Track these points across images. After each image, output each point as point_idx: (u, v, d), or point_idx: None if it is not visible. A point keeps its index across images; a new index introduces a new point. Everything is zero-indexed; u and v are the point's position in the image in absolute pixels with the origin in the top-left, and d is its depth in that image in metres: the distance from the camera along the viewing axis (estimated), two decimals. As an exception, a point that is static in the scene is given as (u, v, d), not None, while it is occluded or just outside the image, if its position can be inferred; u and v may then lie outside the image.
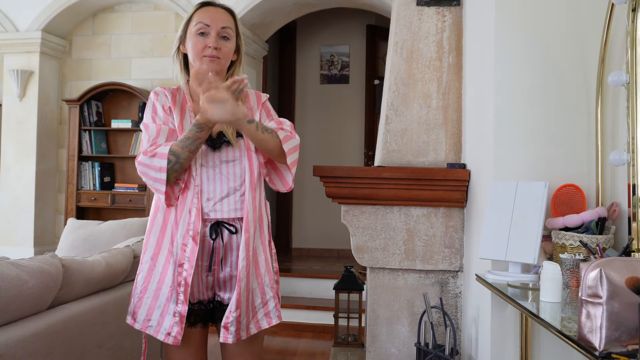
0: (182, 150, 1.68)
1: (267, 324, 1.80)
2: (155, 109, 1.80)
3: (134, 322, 1.77)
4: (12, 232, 5.50)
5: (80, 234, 3.21)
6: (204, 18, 1.78)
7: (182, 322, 1.70)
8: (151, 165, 1.68)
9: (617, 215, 1.78)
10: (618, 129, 1.84)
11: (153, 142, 1.73)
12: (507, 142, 2.01)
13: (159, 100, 1.80)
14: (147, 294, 1.75)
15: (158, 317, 1.73)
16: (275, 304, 1.82)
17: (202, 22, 1.78)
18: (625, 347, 1.06)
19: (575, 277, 1.61)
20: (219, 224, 1.75)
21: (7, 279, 1.63)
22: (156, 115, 1.79)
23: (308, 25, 6.91)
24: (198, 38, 1.77)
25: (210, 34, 1.77)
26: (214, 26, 1.78)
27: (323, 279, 5.06)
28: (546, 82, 1.99)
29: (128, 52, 5.61)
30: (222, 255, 1.76)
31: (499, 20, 2.03)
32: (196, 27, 1.78)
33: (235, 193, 1.76)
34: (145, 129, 1.77)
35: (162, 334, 1.72)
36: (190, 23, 1.80)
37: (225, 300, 1.80)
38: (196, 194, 1.73)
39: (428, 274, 2.56)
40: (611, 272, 1.08)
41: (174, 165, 1.68)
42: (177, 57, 1.85)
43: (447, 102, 2.65)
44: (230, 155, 1.78)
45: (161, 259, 1.75)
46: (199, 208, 1.72)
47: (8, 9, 5.55)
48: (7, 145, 5.56)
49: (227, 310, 1.72)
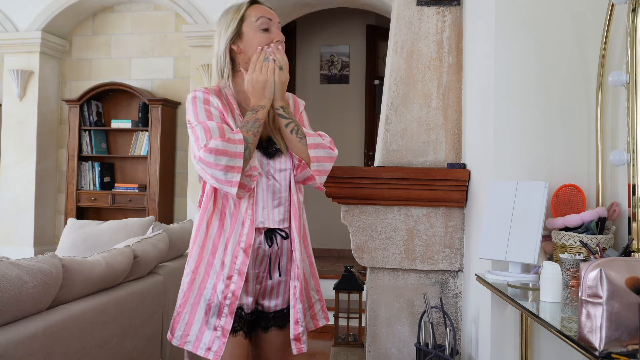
0: (249, 134, 1.60)
1: (314, 325, 1.83)
2: (208, 109, 1.66)
3: (172, 338, 1.69)
4: (12, 232, 5.50)
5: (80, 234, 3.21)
6: (264, 13, 1.74)
7: (224, 336, 1.63)
8: (228, 152, 1.55)
9: (617, 215, 1.78)
10: (618, 129, 1.84)
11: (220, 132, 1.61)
12: (507, 142, 2.01)
13: (211, 103, 1.68)
14: (186, 308, 1.68)
15: (197, 332, 1.66)
16: (322, 306, 1.86)
17: (265, 16, 1.73)
18: (625, 347, 1.06)
19: (575, 277, 1.61)
20: (272, 231, 1.72)
21: (7, 279, 1.63)
22: (212, 115, 1.65)
23: (308, 25, 6.91)
24: (263, 34, 1.72)
25: (271, 28, 1.73)
26: (275, 20, 1.75)
27: (323, 279, 5.04)
28: (546, 82, 1.99)
29: (128, 52, 5.61)
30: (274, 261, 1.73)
31: (499, 20, 2.03)
32: (259, 23, 1.72)
33: (286, 202, 1.74)
34: (201, 128, 1.60)
35: (202, 349, 1.64)
36: (245, 21, 1.73)
37: (270, 308, 1.77)
38: (251, 204, 1.67)
39: (428, 274, 2.56)
40: (611, 272, 1.08)
41: (245, 151, 1.58)
42: (227, 57, 1.74)
43: (447, 102, 2.65)
44: (282, 164, 1.74)
45: (201, 272, 1.68)
46: (252, 220, 1.66)
47: (8, 9, 5.55)
48: (7, 145, 5.56)
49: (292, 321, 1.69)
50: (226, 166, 1.55)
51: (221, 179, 1.56)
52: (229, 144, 1.56)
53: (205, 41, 5.03)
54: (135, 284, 2.42)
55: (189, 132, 1.66)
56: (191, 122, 1.65)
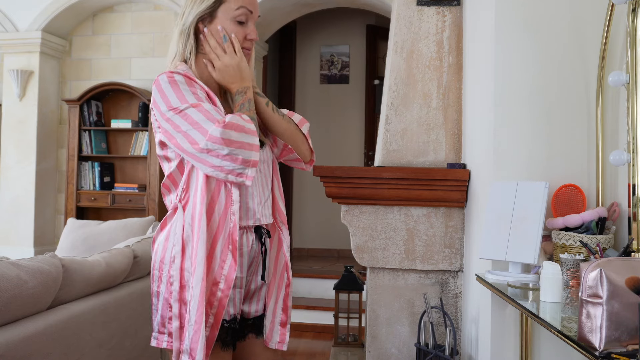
0: (251, 113, 1.49)
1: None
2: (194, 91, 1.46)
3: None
4: (12, 232, 5.50)
5: (80, 234, 3.21)
6: (247, 3, 1.54)
7: (209, 348, 1.44)
8: (245, 129, 1.40)
9: (617, 215, 1.78)
10: (618, 129, 1.84)
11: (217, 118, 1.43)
12: (507, 142, 2.01)
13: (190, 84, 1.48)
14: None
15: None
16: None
17: (245, 7, 1.53)
18: (625, 347, 1.06)
19: (575, 277, 1.61)
20: (258, 229, 1.57)
21: (7, 279, 1.63)
22: (200, 98, 1.45)
23: (308, 25, 6.91)
24: (237, 26, 1.53)
25: (248, 23, 1.55)
26: (255, 14, 1.57)
27: (323, 279, 5.07)
28: (546, 82, 1.99)
29: (128, 52, 5.61)
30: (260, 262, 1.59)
31: (499, 20, 2.03)
32: (237, 12, 1.52)
33: (270, 196, 1.63)
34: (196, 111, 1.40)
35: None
36: (224, 4, 1.52)
37: (250, 314, 1.62)
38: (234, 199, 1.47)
39: (428, 274, 2.56)
40: (611, 272, 1.08)
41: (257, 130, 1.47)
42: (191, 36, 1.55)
43: (447, 102, 2.65)
44: (264, 155, 1.59)
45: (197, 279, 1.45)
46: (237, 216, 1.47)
47: (8, 9, 5.55)
48: (7, 145, 5.56)
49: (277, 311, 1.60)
50: (247, 144, 1.39)
51: (238, 161, 1.39)
52: (243, 120, 1.41)
53: (205, 41, 5.04)
54: (135, 284, 2.42)
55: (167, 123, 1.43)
56: (175, 107, 1.42)
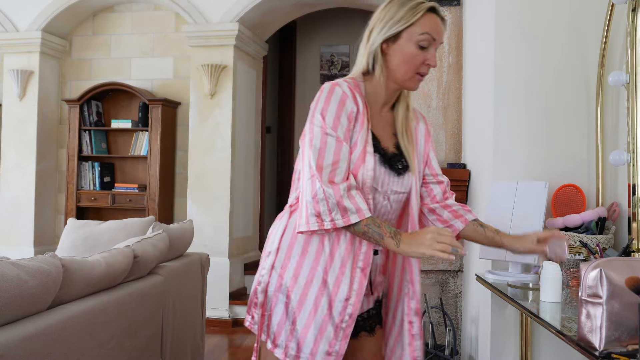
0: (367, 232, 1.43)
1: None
2: (339, 113, 1.45)
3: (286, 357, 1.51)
4: (12, 232, 5.50)
5: (80, 234, 3.21)
6: (433, 29, 1.50)
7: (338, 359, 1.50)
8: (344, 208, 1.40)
9: (617, 215, 1.78)
10: (618, 129, 1.84)
11: (333, 167, 1.43)
12: (507, 142, 2.01)
13: (345, 108, 1.46)
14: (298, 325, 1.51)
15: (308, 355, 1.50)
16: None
17: (430, 33, 1.50)
18: (625, 347, 1.06)
19: (575, 277, 1.61)
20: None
21: (7, 279, 1.63)
22: (339, 123, 1.44)
23: (308, 25, 6.91)
24: (417, 51, 1.50)
25: (429, 48, 1.51)
26: (438, 41, 1.53)
27: (323, 279, 5.05)
28: (546, 82, 1.99)
29: (128, 52, 5.61)
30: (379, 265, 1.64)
31: (499, 21, 2.03)
32: (422, 37, 1.49)
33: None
34: (320, 140, 1.43)
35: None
36: (412, 27, 1.49)
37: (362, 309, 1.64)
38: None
39: (428, 274, 2.56)
40: (611, 272, 1.08)
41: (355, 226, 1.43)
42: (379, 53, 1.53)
43: (447, 102, 2.65)
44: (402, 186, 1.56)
45: (313, 292, 1.51)
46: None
47: (8, 9, 5.55)
48: (7, 145, 5.56)
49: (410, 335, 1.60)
50: (331, 219, 1.41)
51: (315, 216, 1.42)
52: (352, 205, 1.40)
53: (205, 41, 5.03)
54: (135, 284, 2.42)
55: (308, 125, 1.48)
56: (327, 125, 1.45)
